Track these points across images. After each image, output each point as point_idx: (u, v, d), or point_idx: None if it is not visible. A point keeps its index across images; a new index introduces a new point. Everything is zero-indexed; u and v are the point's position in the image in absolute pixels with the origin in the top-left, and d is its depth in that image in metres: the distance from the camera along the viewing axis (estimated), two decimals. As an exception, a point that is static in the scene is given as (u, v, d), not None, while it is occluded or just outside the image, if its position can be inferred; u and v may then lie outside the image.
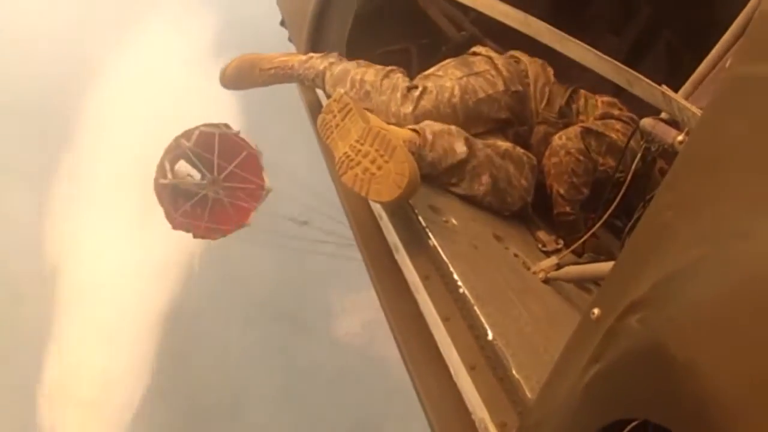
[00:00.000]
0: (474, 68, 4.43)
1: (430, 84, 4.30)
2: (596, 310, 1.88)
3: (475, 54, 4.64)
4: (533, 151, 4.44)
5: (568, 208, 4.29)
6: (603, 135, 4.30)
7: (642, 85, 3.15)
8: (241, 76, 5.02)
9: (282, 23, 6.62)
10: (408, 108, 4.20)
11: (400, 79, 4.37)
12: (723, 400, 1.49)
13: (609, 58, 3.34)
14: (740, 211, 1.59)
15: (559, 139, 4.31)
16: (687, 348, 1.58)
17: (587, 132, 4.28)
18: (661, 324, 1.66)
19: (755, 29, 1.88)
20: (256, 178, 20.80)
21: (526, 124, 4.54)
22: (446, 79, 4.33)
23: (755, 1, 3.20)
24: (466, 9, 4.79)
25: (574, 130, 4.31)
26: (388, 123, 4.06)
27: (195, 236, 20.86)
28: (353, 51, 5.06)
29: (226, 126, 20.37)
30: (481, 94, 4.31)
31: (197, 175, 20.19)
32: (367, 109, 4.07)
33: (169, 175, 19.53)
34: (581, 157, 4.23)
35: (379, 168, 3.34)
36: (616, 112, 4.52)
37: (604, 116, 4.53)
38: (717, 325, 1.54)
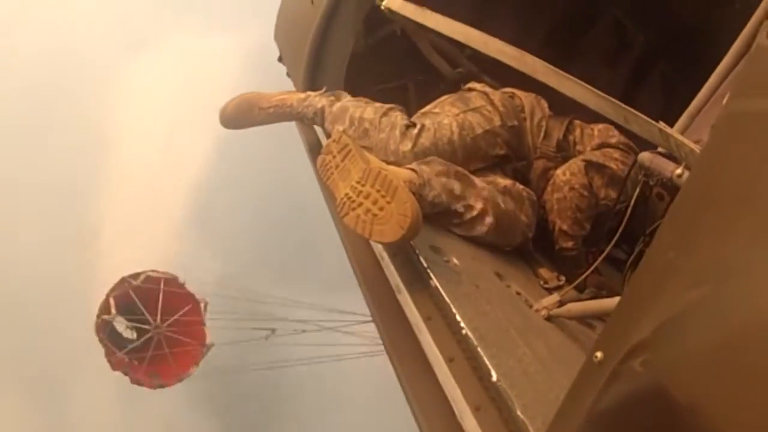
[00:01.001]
0: (470, 104, 4.44)
1: (427, 121, 4.30)
2: (599, 354, 1.87)
3: (470, 90, 4.65)
4: (532, 186, 4.45)
5: (570, 244, 4.28)
6: (604, 167, 4.30)
7: (639, 122, 3.15)
8: (241, 115, 5.03)
9: (280, 59, 6.64)
10: (407, 146, 4.20)
11: (398, 117, 4.37)
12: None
13: (605, 95, 3.34)
14: (744, 249, 1.58)
15: (563, 175, 4.30)
16: (690, 391, 1.58)
17: (589, 165, 4.28)
18: (663, 367, 1.66)
19: (752, 64, 1.87)
20: (199, 332, 20.87)
21: (525, 159, 4.54)
22: (443, 116, 4.34)
23: (748, 32, 3.21)
24: (462, 45, 4.80)
25: (577, 165, 4.31)
26: (387, 161, 4.05)
27: (132, 381, 20.62)
28: (351, 88, 5.07)
29: (173, 275, 20.54)
30: (479, 130, 4.31)
31: (136, 331, 20.37)
32: (366, 147, 4.09)
33: (113, 311, 19.62)
34: (585, 193, 4.23)
35: (381, 209, 3.31)
36: (613, 141, 4.52)
37: (601, 145, 4.53)
38: (720, 367, 1.53)
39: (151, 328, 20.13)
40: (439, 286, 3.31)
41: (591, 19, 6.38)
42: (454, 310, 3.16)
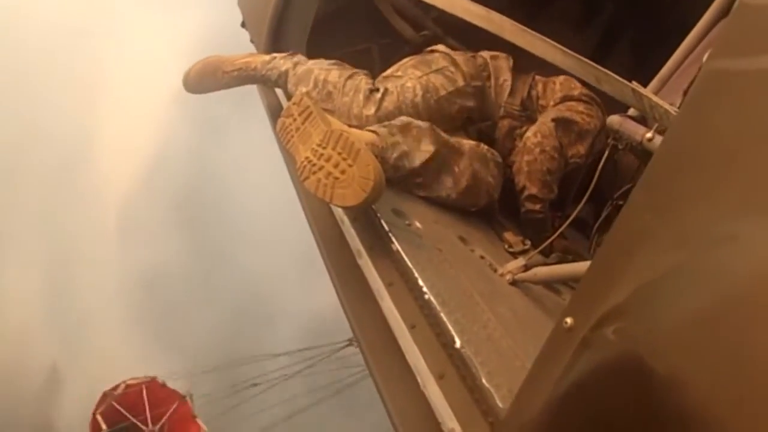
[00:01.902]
0: (433, 66, 4.39)
1: (390, 85, 4.24)
2: (569, 320, 1.80)
3: (433, 51, 4.58)
4: (498, 146, 4.40)
5: (538, 207, 4.22)
6: (571, 122, 4.26)
7: (611, 81, 3.10)
8: (204, 79, 4.93)
9: (243, 25, 6.54)
10: (370, 110, 4.13)
11: (363, 80, 4.30)
12: (709, 416, 1.42)
13: (576, 54, 3.28)
14: (724, 212, 1.52)
15: (534, 137, 4.24)
16: (668, 360, 1.52)
17: (558, 123, 4.23)
18: (640, 335, 1.59)
19: (734, 22, 1.80)
20: (192, 427, 20.79)
21: (489, 119, 4.50)
22: (406, 78, 4.28)
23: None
24: (427, 8, 4.73)
25: (547, 126, 4.24)
26: (350, 125, 3.97)
27: None
28: (314, 52, 4.98)
29: (152, 378, 20.50)
30: (443, 92, 4.26)
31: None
32: (328, 111, 4.03)
33: (104, 427, 19.56)
34: (556, 155, 4.18)
35: (343, 172, 3.25)
36: (575, 93, 4.48)
37: (564, 98, 4.50)
38: (701, 336, 1.47)
39: None
40: (401, 250, 3.24)
41: (559, -16, 6.33)
42: (416, 275, 3.09)
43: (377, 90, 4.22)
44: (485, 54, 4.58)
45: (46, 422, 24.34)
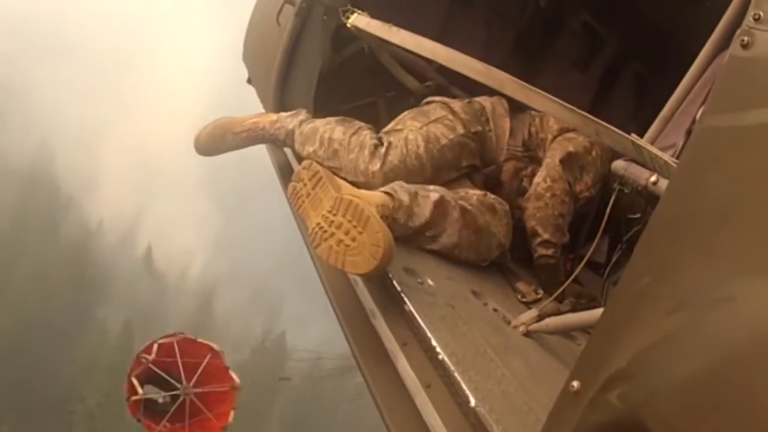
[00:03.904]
0: (431, 116, 4.43)
1: (393, 139, 4.28)
2: (575, 383, 1.81)
3: (429, 102, 4.64)
4: (505, 188, 4.46)
5: (551, 252, 4.23)
6: (573, 155, 4.33)
7: (610, 134, 3.09)
8: (215, 142, 4.99)
9: (249, 81, 6.57)
10: (376, 165, 4.16)
11: (367, 136, 4.33)
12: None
13: (575, 108, 3.28)
14: (723, 274, 1.53)
15: (543, 182, 4.28)
16: (671, 427, 1.52)
17: (563, 163, 4.28)
18: (642, 400, 1.60)
19: (726, 76, 1.81)
20: (225, 378, 20.97)
21: (493, 163, 4.54)
22: (407, 131, 4.32)
23: (718, 34, 3.15)
24: (430, 59, 4.75)
25: (556, 170, 4.29)
26: (357, 181, 4.06)
27: None
28: (320, 107, 5.01)
29: (182, 333, 20.79)
30: (444, 141, 4.30)
31: (165, 392, 20.56)
32: (336, 168, 4.11)
33: (140, 390, 19.74)
34: (566, 199, 4.23)
35: (354, 239, 3.26)
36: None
37: (561, 130, 4.53)
38: (703, 402, 1.48)
39: (181, 392, 20.25)
40: (413, 310, 3.24)
41: (560, 24, 6.35)
42: (429, 335, 3.09)
43: (381, 144, 4.25)
44: (481, 99, 4.63)
45: (133, 237, 36.97)
